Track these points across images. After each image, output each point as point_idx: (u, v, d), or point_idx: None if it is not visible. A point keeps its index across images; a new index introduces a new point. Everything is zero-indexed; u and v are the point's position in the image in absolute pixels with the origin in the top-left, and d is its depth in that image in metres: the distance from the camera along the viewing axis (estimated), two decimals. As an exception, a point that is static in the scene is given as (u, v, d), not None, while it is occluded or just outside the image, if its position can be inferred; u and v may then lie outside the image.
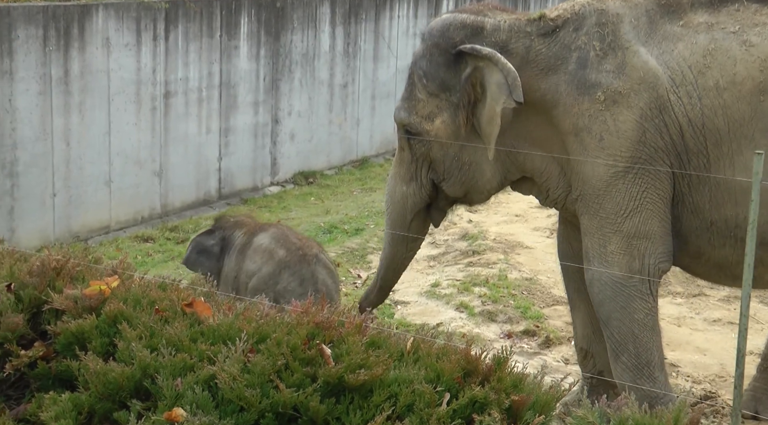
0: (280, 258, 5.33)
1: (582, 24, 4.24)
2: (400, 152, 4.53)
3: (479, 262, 7.62)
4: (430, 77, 4.31)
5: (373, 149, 12.36)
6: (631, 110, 4.12)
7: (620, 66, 4.14)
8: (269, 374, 2.57)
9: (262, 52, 10.47)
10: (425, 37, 4.39)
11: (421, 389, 2.56)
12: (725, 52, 4.17)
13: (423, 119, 4.35)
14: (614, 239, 4.17)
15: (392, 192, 4.60)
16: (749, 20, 4.24)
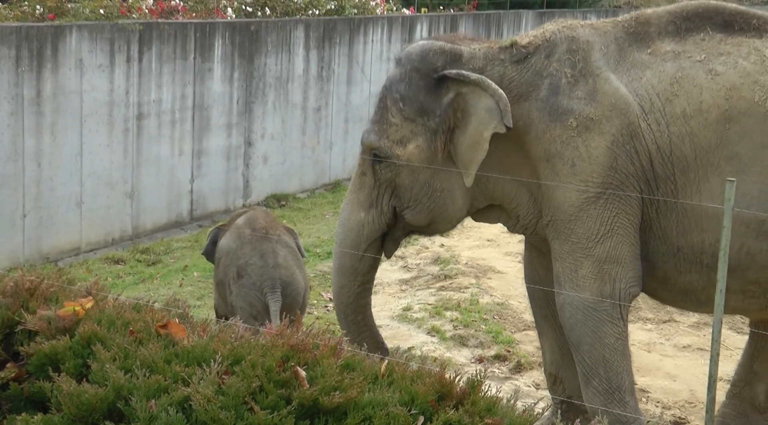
0: (245, 235, 5.64)
1: (553, 51, 4.28)
2: (361, 177, 4.43)
3: (451, 286, 7.64)
4: (408, 101, 4.27)
5: (346, 172, 12.38)
6: (603, 136, 4.15)
7: (591, 93, 4.18)
8: (244, 396, 2.56)
9: (235, 74, 10.48)
10: (402, 61, 4.35)
11: (395, 412, 2.57)
12: (691, 81, 4.22)
13: (394, 144, 4.29)
14: (586, 263, 4.19)
15: (347, 219, 4.47)
16: (714, 49, 4.31)
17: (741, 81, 4.21)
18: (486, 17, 14.93)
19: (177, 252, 9.04)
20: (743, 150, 4.17)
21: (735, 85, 4.21)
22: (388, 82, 4.36)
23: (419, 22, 13.48)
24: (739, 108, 4.18)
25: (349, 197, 4.50)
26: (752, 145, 4.18)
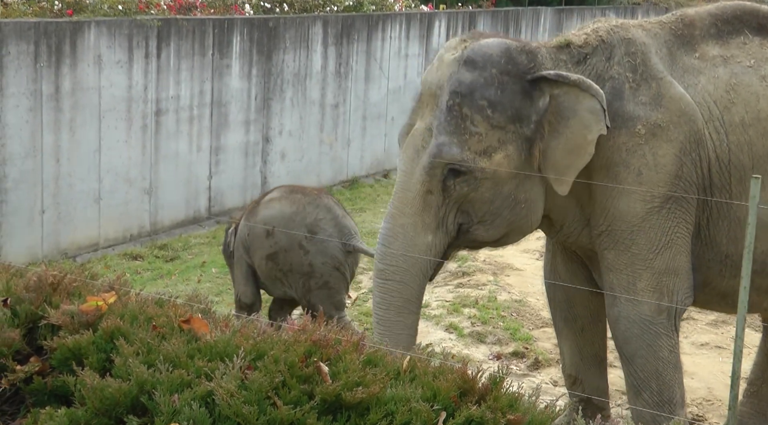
0: (298, 199, 5.70)
1: (612, 53, 4.08)
2: (426, 197, 3.98)
3: (469, 283, 7.63)
4: (500, 107, 3.91)
5: (364, 169, 12.39)
6: (671, 144, 4.00)
7: (657, 97, 4.02)
8: (267, 391, 2.56)
9: (253, 71, 10.50)
10: (480, 63, 3.95)
11: (417, 407, 2.57)
12: (747, 88, 4.13)
13: (477, 155, 3.91)
14: (645, 275, 4.04)
15: (412, 244, 4.00)
16: (760, 54, 4.23)
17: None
18: (504, 14, 14.89)
19: (195, 248, 9.07)
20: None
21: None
22: (464, 89, 3.93)
23: (437, 18, 13.46)
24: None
25: (409, 219, 4.01)
26: None
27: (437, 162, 3.92)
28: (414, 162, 4.01)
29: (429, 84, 4.10)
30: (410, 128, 4.14)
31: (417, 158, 4.00)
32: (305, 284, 5.66)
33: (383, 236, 4.07)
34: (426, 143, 3.99)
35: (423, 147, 4.00)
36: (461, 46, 4.09)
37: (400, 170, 4.11)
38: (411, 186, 4.00)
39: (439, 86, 4.02)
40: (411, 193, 4.00)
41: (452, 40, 4.23)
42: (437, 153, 3.92)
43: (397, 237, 4.02)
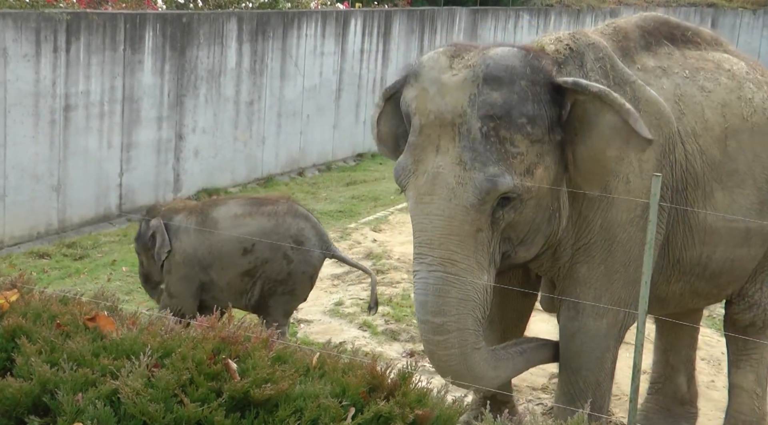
0: (273, 211, 5.51)
1: (583, 60, 3.93)
2: (476, 235, 3.63)
3: (383, 281, 7.66)
4: (539, 121, 3.66)
5: (279, 167, 12.32)
6: (653, 148, 3.88)
7: (633, 102, 3.86)
8: (174, 389, 2.54)
9: (166, 67, 10.35)
10: (505, 79, 3.63)
11: (326, 403, 2.57)
12: (691, 98, 4.16)
13: (522, 176, 3.63)
14: (612, 288, 3.95)
15: (471, 290, 3.64)
16: (688, 64, 4.29)
17: (729, 97, 4.28)
18: (420, 13, 14.99)
19: (105, 246, 8.90)
20: (740, 165, 4.26)
21: (726, 101, 4.27)
22: (498, 110, 3.61)
23: (353, 17, 13.47)
24: (734, 125, 4.25)
25: (463, 265, 3.62)
26: (746, 159, 4.28)
27: (490, 197, 3.58)
28: (452, 203, 3.60)
29: (437, 113, 3.68)
30: (417, 165, 3.73)
31: (455, 198, 3.59)
32: (272, 288, 5.51)
33: (434, 285, 3.63)
34: (461, 179, 3.59)
35: (459, 184, 3.59)
36: (462, 64, 3.74)
37: (432, 213, 3.64)
38: (456, 229, 3.60)
39: (456, 114, 3.64)
40: (458, 236, 3.61)
41: (433, 58, 3.83)
42: (491, 187, 3.57)
43: (454, 284, 3.62)
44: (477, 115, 3.60)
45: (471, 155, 3.59)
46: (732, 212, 4.24)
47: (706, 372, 5.98)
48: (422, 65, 3.81)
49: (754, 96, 4.38)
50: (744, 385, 4.81)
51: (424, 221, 3.68)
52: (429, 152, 3.69)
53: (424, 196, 3.68)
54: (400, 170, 3.82)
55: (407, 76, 3.87)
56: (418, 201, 3.70)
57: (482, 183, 3.56)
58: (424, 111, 3.72)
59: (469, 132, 3.61)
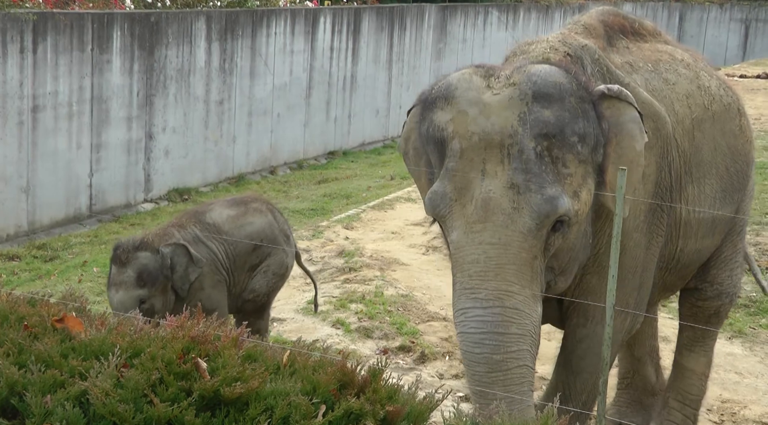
0: (260, 208, 5.45)
1: (584, 64, 3.78)
2: (531, 263, 3.39)
3: (356, 279, 7.66)
4: (588, 139, 3.47)
5: (250, 166, 12.29)
6: (652, 152, 3.79)
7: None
8: (143, 389, 2.53)
9: (135, 66, 10.29)
10: (554, 95, 3.43)
11: (297, 401, 2.57)
12: (661, 93, 4.10)
13: (572, 200, 3.42)
14: (620, 294, 3.74)
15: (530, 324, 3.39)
16: (647, 57, 4.24)
17: (690, 88, 4.26)
18: (389, 10, 14.99)
19: (75, 248, 8.84)
20: (705, 155, 4.25)
21: (689, 92, 4.24)
22: (552, 129, 3.40)
23: (322, 15, 13.46)
24: (699, 115, 4.23)
25: (521, 297, 3.36)
26: (709, 149, 4.27)
27: (548, 221, 3.35)
28: (509, 229, 3.34)
29: (482, 135, 3.43)
30: (460, 192, 3.45)
31: (512, 224, 3.33)
32: (275, 284, 5.53)
33: (492, 322, 3.32)
34: (517, 204, 3.35)
35: (515, 209, 3.35)
36: (502, 83, 3.53)
37: (486, 242, 3.36)
38: (513, 258, 3.34)
39: (506, 134, 3.39)
40: (515, 265, 3.34)
41: (464, 79, 3.58)
42: (551, 210, 3.33)
43: (514, 320, 3.34)
44: (530, 134, 3.37)
45: (524, 176, 3.34)
46: (700, 203, 4.26)
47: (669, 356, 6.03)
48: (453, 87, 3.55)
49: (711, 84, 4.39)
50: (696, 369, 4.89)
51: (476, 252, 3.36)
52: (474, 178, 3.42)
53: (475, 224, 3.37)
54: (438, 200, 3.48)
55: (434, 100, 3.60)
56: (469, 231, 3.38)
57: (540, 206, 3.32)
58: (465, 134, 3.44)
59: (521, 153, 3.36)
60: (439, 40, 16.32)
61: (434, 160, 3.62)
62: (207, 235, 5.21)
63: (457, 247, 3.41)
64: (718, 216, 4.41)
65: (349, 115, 14.29)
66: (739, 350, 6.28)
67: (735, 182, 4.53)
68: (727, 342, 6.41)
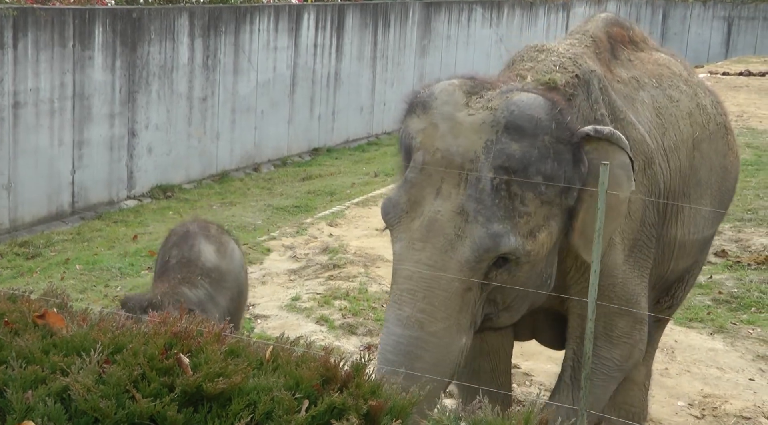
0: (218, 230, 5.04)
1: (590, 90, 3.64)
2: (464, 295, 3.30)
3: (339, 275, 7.66)
4: (555, 181, 3.32)
5: (233, 163, 12.27)
6: (639, 189, 3.70)
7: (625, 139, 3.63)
8: (125, 384, 2.51)
9: (117, 63, 10.25)
10: (528, 130, 3.30)
11: (280, 396, 2.56)
12: (667, 110, 4.02)
13: (525, 239, 3.30)
14: (620, 323, 3.82)
15: (446, 353, 3.31)
16: (649, 71, 4.15)
17: (691, 106, 4.19)
18: (373, 7, 14.98)
19: (58, 245, 8.80)
20: (702, 175, 4.20)
21: (690, 110, 4.17)
22: (515, 164, 3.28)
23: (306, 11, 13.44)
24: (699, 135, 4.17)
25: (443, 324, 3.29)
26: (706, 169, 4.23)
27: (488, 256, 3.27)
28: (447, 255, 3.27)
29: (445, 153, 3.36)
30: (413, 206, 3.39)
31: (451, 250, 3.27)
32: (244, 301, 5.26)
33: (406, 346, 3.27)
34: (461, 231, 3.28)
35: (458, 236, 3.28)
36: (481, 104, 3.42)
37: (423, 262, 3.31)
38: (444, 284, 3.27)
39: (467, 158, 3.31)
40: (445, 292, 3.27)
41: (447, 90, 3.48)
42: (492, 246, 3.24)
43: (429, 347, 3.28)
44: (491, 164, 3.27)
45: (476, 206, 3.26)
46: (696, 223, 4.20)
47: (659, 359, 6.06)
48: (434, 97, 3.46)
49: (706, 103, 4.34)
50: (636, 379, 4.77)
51: (411, 269, 3.32)
52: (428, 194, 3.35)
53: (416, 241, 3.33)
54: (390, 207, 3.44)
55: (414, 106, 3.52)
56: (410, 246, 3.34)
57: (483, 240, 3.23)
58: (431, 148, 3.37)
59: (478, 181, 3.27)
60: (423, 37, 16.32)
61: (402, 165, 3.57)
62: (216, 287, 4.84)
63: (397, 258, 3.39)
64: (709, 235, 4.42)
65: (333, 112, 14.27)
66: (720, 345, 6.32)
67: (725, 199, 4.53)
68: (709, 338, 6.45)
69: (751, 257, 7.82)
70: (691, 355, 6.17)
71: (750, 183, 10.21)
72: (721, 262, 7.76)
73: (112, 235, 9.26)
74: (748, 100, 15.63)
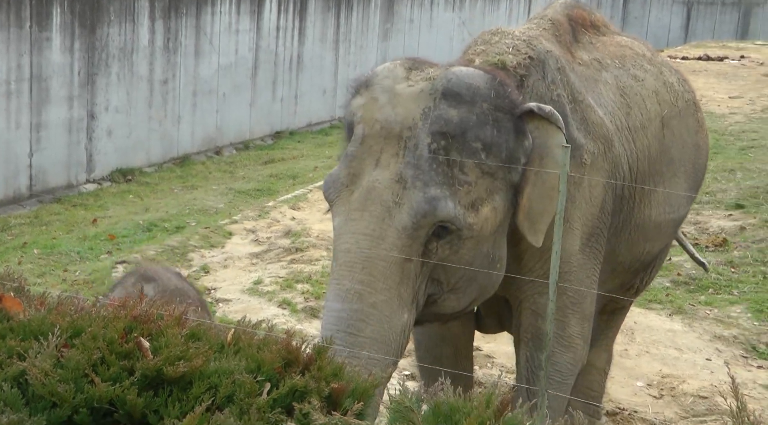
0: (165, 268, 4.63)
1: (545, 70, 3.61)
2: (403, 266, 3.20)
3: (302, 259, 7.64)
4: (495, 150, 3.27)
5: (195, 146, 12.17)
6: (600, 173, 3.66)
7: (584, 123, 3.64)
8: (84, 369, 2.49)
9: (76, 44, 10.11)
10: (466, 96, 3.28)
11: (241, 379, 2.55)
12: (632, 90, 3.98)
13: (467, 210, 3.24)
14: (573, 321, 3.72)
15: (387, 328, 3.20)
16: (611, 52, 4.12)
17: (657, 84, 4.17)
18: (335, -9, 14.91)
19: (15, 229, 8.69)
20: (674, 153, 4.16)
21: (656, 89, 4.14)
22: (453, 128, 3.25)
23: (268, -6, 13.34)
24: (667, 112, 4.14)
25: (383, 295, 3.19)
26: (678, 147, 4.18)
27: (426, 222, 3.18)
28: (385, 223, 3.19)
29: (384, 123, 3.32)
30: (352, 179, 3.32)
31: (389, 218, 3.19)
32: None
33: (346, 320, 3.17)
34: (400, 198, 3.20)
35: (396, 204, 3.20)
36: (421, 76, 3.40)
37: (360, 232, 3.22)
38: (383, 254, 3.18)
39: (405, 126, 3.28)
40: (384, 262, 3.18)
41: (389, 67, 3.48)
42: (429, 210, 3.17)
43: (370, 320, 3.17)
44: (428, 130, 3.24)
45: (414, 172, 3.20)
46: (670, 203, 4.16)
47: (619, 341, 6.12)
48: (375, 74, 3.47)
49: (673, 80, 4.33)
50: (597, 364, 4.78)
51: (350, 241, 3.23)
52: (367, 165, 3.30)
53: (354, 212, 3.25)
54: (330, 183, 3.37)
55: (357, 86, 3.53)
56: (348, 218, 3.26)
57: (419, 204, 3.16)
58: (370, 120, 3.35)
59: (416, 147, 3.23)
60: (386, 20, 16.28)
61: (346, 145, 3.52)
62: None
63: (336, 234, 3.30)
64: (684, 214, 4.40)
65: (295, 95, 14.20)
66: (678, 326, 6.41)
67: (699, 178, 4.50)
68: (668, 319, 6.53)
69: (709, 240, 7.92)
70: (650, 336, 6.25)
71: (708, 166, 10.31)
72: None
73: (71, 219, 9.16)
74: (706, 85, 15.79)
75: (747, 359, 5.94)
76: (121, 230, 8.41)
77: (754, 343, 6.12)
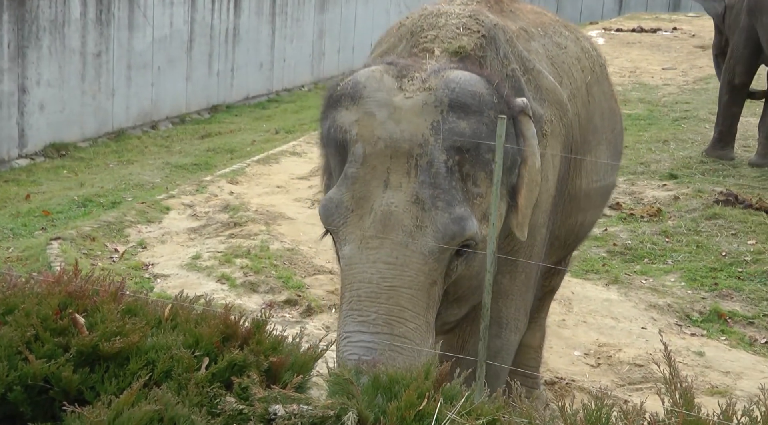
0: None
1: (498, 46, 3.45)
2: (430, 290, 3.06)
3: (241, 233, 7.60)
4: (504, 158, 3.09)
5: (130, 120, 11.99)
6: (558, 141, 3.55)
7: (538, 91, 3.53)
8: (17, 346, 2.46)
9: (5, 17, 9.86)
10: (473, 107, 3.12)
11: (179, 354, 2.55)
12: (558, 58, 3.88)
13: (480, 223, 3.11)
14: (527, 297, 3.60)
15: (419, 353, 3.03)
16: (532, 21, 4.02)
17: (577, 50, 4.11)
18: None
19: (-55, 206, 8.49)
20: (597, 121, 4.10)
21: (578, 55, 4.08)
22: (466, 142, 3.09)
23: (203, -35, 13.15)
24: (589, 79, 4.07)
25: (412, 324, 3.02)
26: (599, 114, 4.13)
27: (454, 243, 3.03)
28: (408, 249, 3.01)
29: (388, 140, 3.09)
30: (359, 203, 3.10)
31: (413, 243, 3.02)
32: None
33: (378, 352, 2.96)
34: (421, 221, 3.02)
35: (418, 227, 3.02)
36: (416, 86, 3.19)
37: (382, 261, 3.03)
38: (410, 281, 3.01)
39: (415, 143, 3.06)
40: (410, 290, 3.01)
41: (374, 77, 3.22)
42: (458, 231, 3.01)
43: (400, 353, 2.97)
44: (442, 145, 3.04)
45: (431, 192, 3.01)
46: (596, 171, 4.12)
47: (557, 311, 6.22)
48: (362, 85, 3.19)
49: (588, 45, 4.31)
50: (532, 343, 4.79)
51: (369, 271, 3.02)
52: (375, 187, 3.07)
53: (371, 240, 3.04)
54: (332, 208, 3.12)
55: (339, 98, 3.24)
56: (364, 246, 3.04)
57: (447, 226, 2.99)
58: (371, 138, 3.10)
59: (430, 165, 3.03)
60: (323, -8, 16.18)
61: (334, 164, 3.29)
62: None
63: (349, 263, 3.07)
64: (611, 182, 4.41)
65: (232, 68, 14.05)
66: (615, 295, 6.52)
67: (619, 144, 4.49)
68: (604, 289, 6.64)
69: (644, 210, 8.06)
70: (587, 306, 6.35)
71: (643, 137, 10.49)
72: (616, 215, 7.97)
73: (4, 195, 8.97)
74: (640, 56, 16.01)
75: (681, 327, 6.08)
76: (56, 206, 8.26)
77: (688, 311, 6.26)
